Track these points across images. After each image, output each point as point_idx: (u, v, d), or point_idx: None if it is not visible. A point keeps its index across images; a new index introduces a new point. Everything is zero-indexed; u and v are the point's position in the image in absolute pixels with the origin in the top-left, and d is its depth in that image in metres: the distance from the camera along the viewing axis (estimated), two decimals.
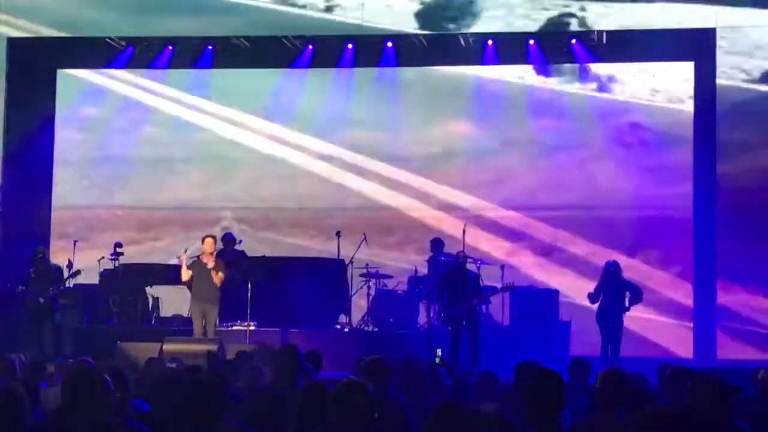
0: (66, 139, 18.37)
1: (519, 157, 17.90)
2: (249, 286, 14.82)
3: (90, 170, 18.69)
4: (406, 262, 16.98)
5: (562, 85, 17.75)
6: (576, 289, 15.56)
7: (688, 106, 16.84)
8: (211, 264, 13.78)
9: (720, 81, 16.13)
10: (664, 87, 17.24)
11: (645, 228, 16.81)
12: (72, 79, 18.51)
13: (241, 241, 15.66)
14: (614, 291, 14.19)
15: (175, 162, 18.80)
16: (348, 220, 17.28)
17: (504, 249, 17.30)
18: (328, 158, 18.49)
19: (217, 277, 13.70)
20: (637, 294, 14.20)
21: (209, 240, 14.05)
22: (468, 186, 17.89)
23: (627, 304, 14.14)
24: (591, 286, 14.46)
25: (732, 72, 16.28)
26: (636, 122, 17.38)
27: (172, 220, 18.62)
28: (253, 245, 16.31)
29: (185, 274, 13.85)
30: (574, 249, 17.13)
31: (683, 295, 16.44)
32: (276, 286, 15.14)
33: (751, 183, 15.87)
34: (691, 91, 16.77)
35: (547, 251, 17.36)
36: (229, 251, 15.23)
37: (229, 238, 15.48)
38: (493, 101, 17.64)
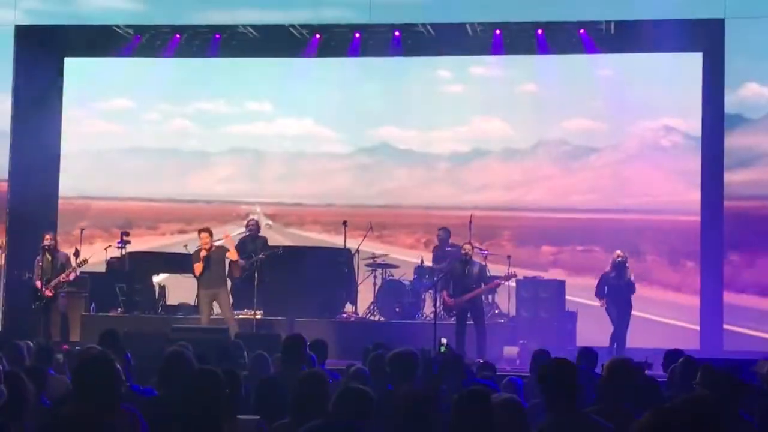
0: (74, 127, 18.39)
1: (549, 157, 17.88)
2: (256, 274, 14.87)
3: (98, 160, 18.70)
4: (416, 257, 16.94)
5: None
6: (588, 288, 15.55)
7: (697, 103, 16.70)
8: (234, 256, 14.03)
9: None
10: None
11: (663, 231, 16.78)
12: (80, 66, 18.51)
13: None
14: (622, 281, 14.31)
15: (205, 156, 18.81)
16: (375, 217, 17.33)
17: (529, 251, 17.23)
18: (358, 154, 18.48)
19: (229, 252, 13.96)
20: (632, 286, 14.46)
21: (204, 234, 14.13)
22: (496, 185, 17.87)
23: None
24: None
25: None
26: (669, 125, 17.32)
27: (200, 214, 18.70)
28: (279, 240, 16.36)
29: (198, 269, 13.94)
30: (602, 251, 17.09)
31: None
32: (283, 275, 15.15)
33: None
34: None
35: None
36: (252, 239, 15.47)
37: (253, 225, 15.69)
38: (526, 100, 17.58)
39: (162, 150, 18.86)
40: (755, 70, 16.09)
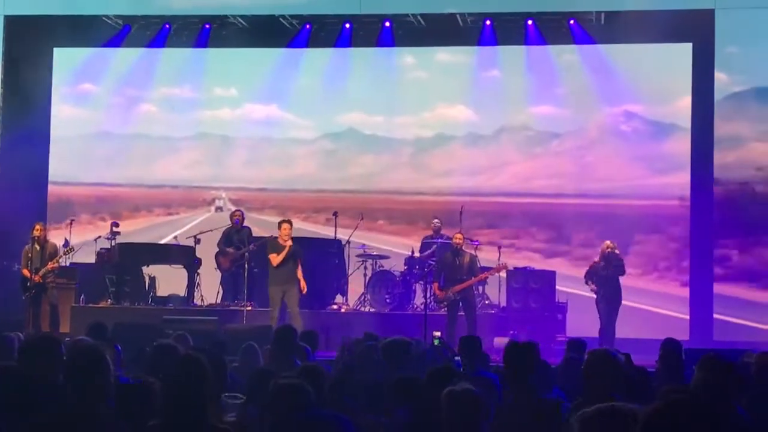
0: (62, 115, 18.36)
1: (514, 144, 17.95)
2: (246, 266, 14.88)
3: (86, 147, 18.66)
4: (402, 246, 17.00)
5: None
6: (571, 278, 15.64)
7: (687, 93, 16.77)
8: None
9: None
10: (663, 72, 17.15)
11: (641, 217, 16.84)
12: (69, 56, 18.47)
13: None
14: (610, 272, 14.32)
15: (172, 141, 18.83)
16: (342, 203, 17.33)
17: (497, 236, 17.30)
18: (324, 139, 18.53)
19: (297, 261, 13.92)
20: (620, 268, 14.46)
21: (286, 225, 14.08)
22: (463, 171, 17.92)
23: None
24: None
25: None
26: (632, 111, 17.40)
27: (168, 199, 18.71)
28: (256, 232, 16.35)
29: (275, 260, 13.90)
30: (567, 237, 17.20)
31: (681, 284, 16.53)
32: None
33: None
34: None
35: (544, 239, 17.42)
36: (236, 230, 15.54)
37: (239, 217, 15.74)
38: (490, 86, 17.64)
39: (128, 135, 18.74)
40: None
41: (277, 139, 18.63)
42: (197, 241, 15.81)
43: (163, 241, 17.13)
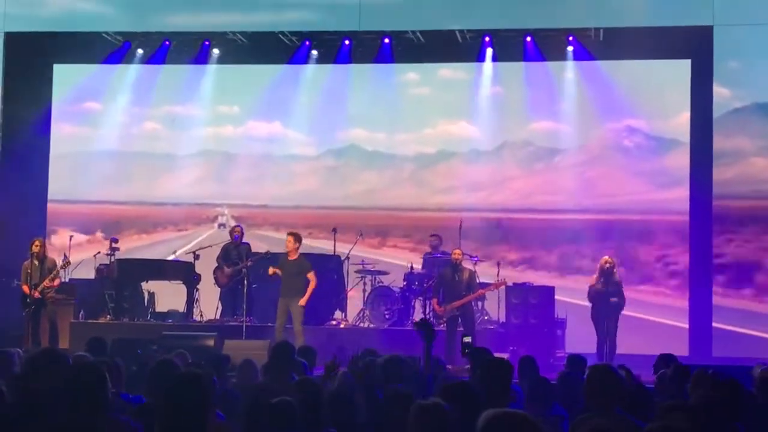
0: (62, 133, 18.40)
1: (515, 159, 17.99)
2: (245, 281, 14.90)
3: (86, 164, 18.67)
4: (402, 259, 17.02)
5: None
6: (569, 291, 15.66)
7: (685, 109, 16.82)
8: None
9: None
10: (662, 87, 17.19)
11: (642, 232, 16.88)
12: (69, 73, 18.51)
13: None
14: (609, 287, 14.27)
15: (175, 158, 18.85)
16: (344, 219, 17.37)
17: (498, 251, 17.31)
18: (326, 156, 18.57)
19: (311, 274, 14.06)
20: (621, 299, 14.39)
21: (288, 237, 14.27)
22: (465, 188, 17.95)
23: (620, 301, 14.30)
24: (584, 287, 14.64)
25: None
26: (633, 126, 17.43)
27: (171, 216, 18.73)
28: (249, 242, 16.33)
29: (271, 271, 14.29)
30: (567, 251, 17.22)
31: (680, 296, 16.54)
32: (272, 282, 15.13)
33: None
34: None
35: (541, 254, 17.46)
36: (235, 245, 15.60)
37: (238, 233, 15.77)
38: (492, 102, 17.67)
39: (131, 153, 18.78)
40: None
41: (279, 155, 18.65)
42: (196, 257, 15.83)
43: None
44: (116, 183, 18.70)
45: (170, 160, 18.85)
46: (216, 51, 17.89)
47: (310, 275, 14.10)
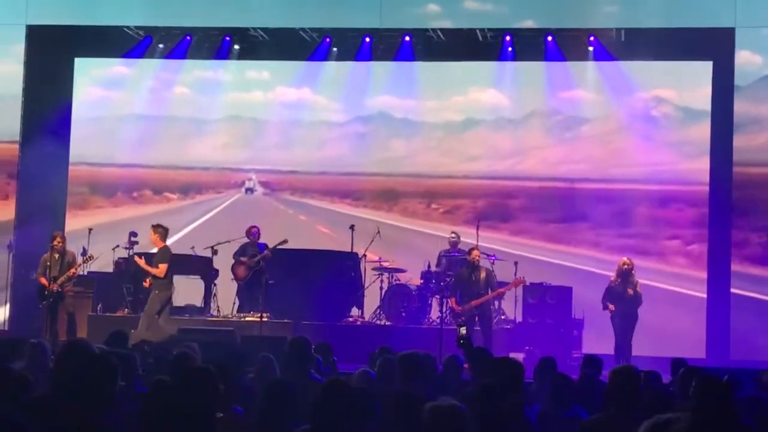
0: (87, 103, 18.45)
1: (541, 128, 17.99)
2: (263, 278, 14.93)
3: (111, 131, 18.70)
4: (432, 228, 17.10)
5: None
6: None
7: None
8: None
9: None
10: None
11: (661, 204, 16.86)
12: (90, 66, 18.61)
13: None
14: (627, 289, 14.25)
15: (204, 123, 18.92)
16: (369, 185, 17.78)
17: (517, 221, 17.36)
18: (355, 122, 18.60)
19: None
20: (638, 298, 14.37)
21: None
22: (489, 155, 18.02)
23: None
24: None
25: None
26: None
27: (199, 180, 18.94)
28: (276, 206, 16.36)
29: None
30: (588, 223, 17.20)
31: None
32: (290, 278, 15.17)
33: None
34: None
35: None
36: (252, 244, 15.60)
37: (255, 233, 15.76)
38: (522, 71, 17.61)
39: (160, 117, 18.85)
40: None
41: (307, 122, 18.72)
42: (214, 252, 15.87)
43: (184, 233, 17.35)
44: (144, 147, 18.73)
45: (199, 124, 18.93)
46: (237, 47, 17.93)
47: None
